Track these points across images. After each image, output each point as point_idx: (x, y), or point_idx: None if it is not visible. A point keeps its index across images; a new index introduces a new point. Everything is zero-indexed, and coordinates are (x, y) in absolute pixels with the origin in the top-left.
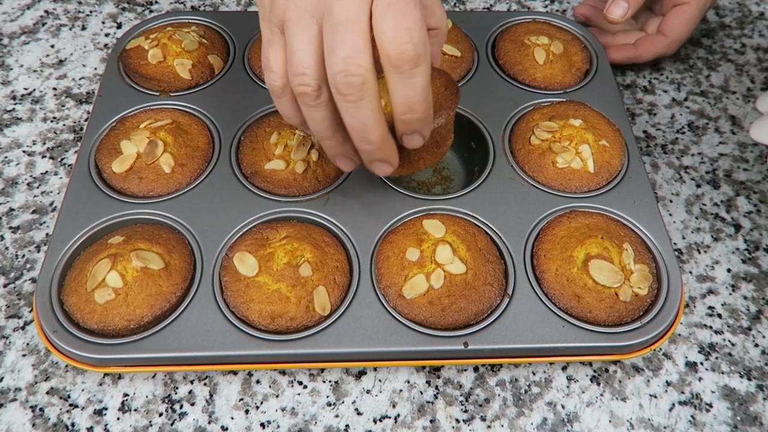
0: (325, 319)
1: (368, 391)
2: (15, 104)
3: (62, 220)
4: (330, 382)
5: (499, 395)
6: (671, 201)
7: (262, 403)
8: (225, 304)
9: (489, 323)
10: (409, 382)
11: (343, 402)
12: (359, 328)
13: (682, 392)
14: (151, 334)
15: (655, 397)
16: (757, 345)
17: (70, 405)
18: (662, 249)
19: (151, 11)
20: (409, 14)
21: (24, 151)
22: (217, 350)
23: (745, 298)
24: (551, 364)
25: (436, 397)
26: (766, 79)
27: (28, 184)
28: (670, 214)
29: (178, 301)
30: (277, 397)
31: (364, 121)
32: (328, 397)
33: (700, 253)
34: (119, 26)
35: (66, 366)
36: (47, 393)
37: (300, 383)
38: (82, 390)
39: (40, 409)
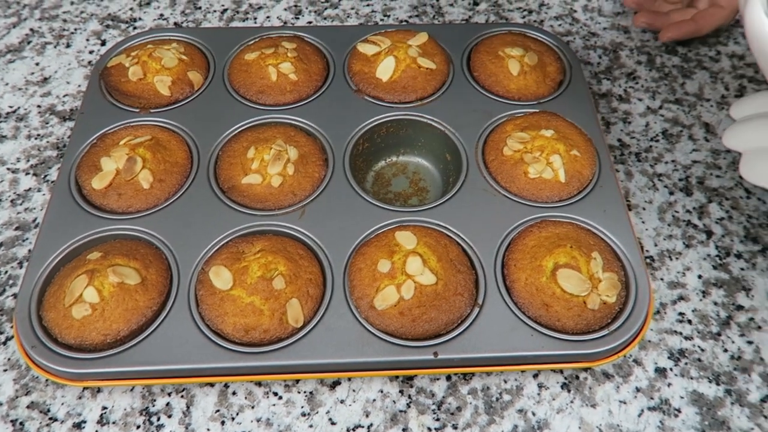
0: (298, 330)
1: (342, 401)
2: (0, 122)
3: (42, 237)
4: (305, 392)
5: (470, 403)
6: (644, 208)
7: (237, 414)
8: (200, 318)
9: (459, 333)
10: (382, 391)
11: (317, 412)
12: (331, 339)
13: (652, 398)
14: (128, 348)
15: (625, 403)
16: (726, 350)
17: (50, 419)
18: (631, 257)
19: (134, 28)
20: None
21: (8, 169)
22: (192, 363)
23: (716, 303)
24: (522, 372)
25: (409, 406)
26: (740, 86)
27: (11, 201)
28: (643, 222)
29: (155, 315)
30: (252, 408)
31: None
32: (302, 407)
33: (671, 259)
34: (103, 43)
35: (46, 380)
36: (27, 407)
37: (275, 394)
38: (62, 404)
39: (20, 423)
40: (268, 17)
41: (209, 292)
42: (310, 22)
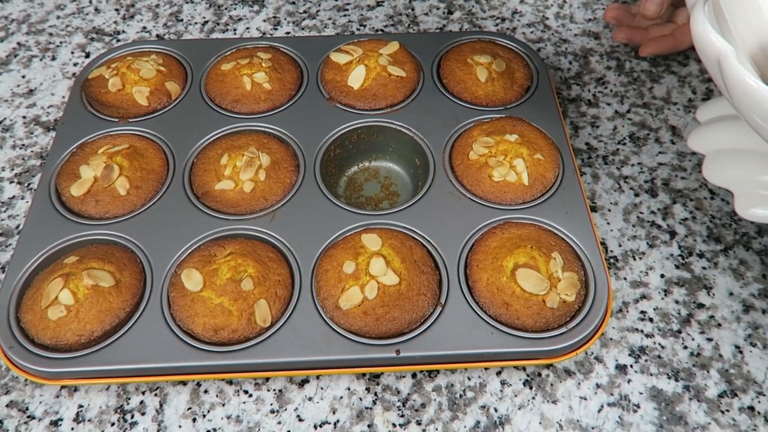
0: (266, 330)
1: (310, 399)
2: None
3: (22, 242)
4: (274, 390)
5: (435, 400)
6: (610, 210)
7: (209, 411)
8: (172, 318)
9: (421, 331)
10: (349, 389)
11: (285, 409)
12: (297, 338)
13: (611, 394)
14: (101, 348)
15: (585, 399)
16: (686, 347)
17: (28, 417)
18: (591, 257)
19: (118, 40)
20: None
21: None
22: (163, 362)
23: (677, 302)
24: (486, 369)
25: (375, 403)
26: (708, 89)
27: None
28: (608, 223)
29: (128, 316)
30: (223, 405)
31: None
32: (271, 404)
33: (635, 259)
34: (87, 56)
35: (25, 380)
36: (7, 406)
37: (246, 392)
38: (40, 402)
39: (0, 421)
40: (247, 28)
41: (181, 293)
42: (288, 33)
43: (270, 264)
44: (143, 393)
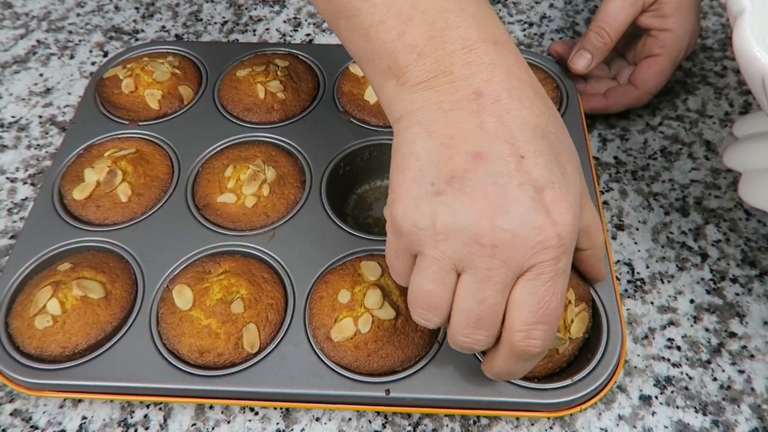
0: (253, 356)
1: (317, 419)
2: (2, 132)
3: (19, 245)
4: (281, 409)
5: (447, 426)
6: (637, 229)
7: (213, 429)
8: (159, 336)
9: (415, 371)
10: (358, 410)
11: (292, 429)
12: (284, 368)
13: (634, 426)
14: (84, 362)
15: (606, 431)
16: (715, 379)
17: (32, 427)
18: (607, 305)
19: (137, 40)
20: (550, 302)
21: (7, 178)
22: (144, 382)
23: (707, 330)
24: None
25: (385, 426)
26: (746, 102)
27: (8, 210)
28: (636, 243)
29: (115, 330)
30: (228, 423)
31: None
32: (278, 424)
33: (663, 282)
34: (105, 55)
35: None
36: (11, 415)
37: (252, 410)
38: (44, 412)
39: (3, 430)
40: (267, 29)
41: (170, 310)
42: (308, 35)
43: (264, 286)
44: (147, 407)
